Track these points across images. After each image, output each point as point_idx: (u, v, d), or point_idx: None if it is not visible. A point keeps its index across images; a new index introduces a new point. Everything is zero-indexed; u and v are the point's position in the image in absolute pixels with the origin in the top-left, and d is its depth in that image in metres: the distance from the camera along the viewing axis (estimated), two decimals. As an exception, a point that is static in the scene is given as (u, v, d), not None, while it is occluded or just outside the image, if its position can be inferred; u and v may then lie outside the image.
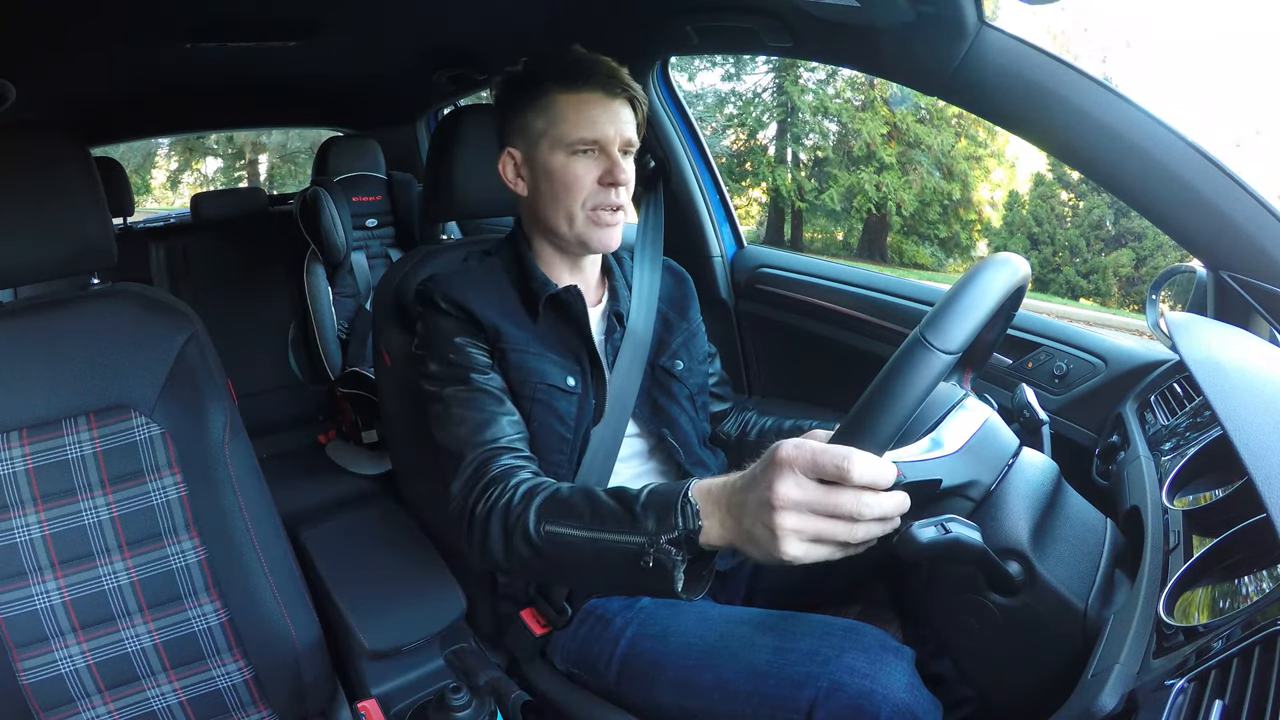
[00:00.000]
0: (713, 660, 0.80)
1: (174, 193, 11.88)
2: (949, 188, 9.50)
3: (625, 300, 1.01)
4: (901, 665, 0.73)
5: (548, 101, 0.88)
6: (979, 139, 9.56)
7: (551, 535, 0.70)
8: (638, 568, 0.62)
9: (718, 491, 0.59)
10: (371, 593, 0.99)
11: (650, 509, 0.63)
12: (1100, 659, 0.55)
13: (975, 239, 9.78)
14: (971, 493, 0.65)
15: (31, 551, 0.82)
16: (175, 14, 1.32)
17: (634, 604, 0.92)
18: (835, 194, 9.94)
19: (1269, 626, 0.42)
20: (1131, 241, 7.32)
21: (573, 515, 0.69)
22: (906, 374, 0.54)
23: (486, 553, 0.76)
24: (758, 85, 10.77)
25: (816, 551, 0.53)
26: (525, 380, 0.89)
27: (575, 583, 0.90)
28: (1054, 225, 8.03)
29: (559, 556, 0.70)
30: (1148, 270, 7.14)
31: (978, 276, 0.60)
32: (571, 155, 0.88)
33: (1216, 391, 0.64)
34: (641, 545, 0.62)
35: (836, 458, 0.51)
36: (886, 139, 9.60)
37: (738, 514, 0.57)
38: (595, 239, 0.91)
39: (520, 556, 0.73)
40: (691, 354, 1.04)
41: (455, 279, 0.92)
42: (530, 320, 0.92)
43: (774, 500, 0.52)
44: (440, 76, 1.93)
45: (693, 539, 0.59)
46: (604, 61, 0.89)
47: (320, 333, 2.11)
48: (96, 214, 0.86)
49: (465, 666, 0.95)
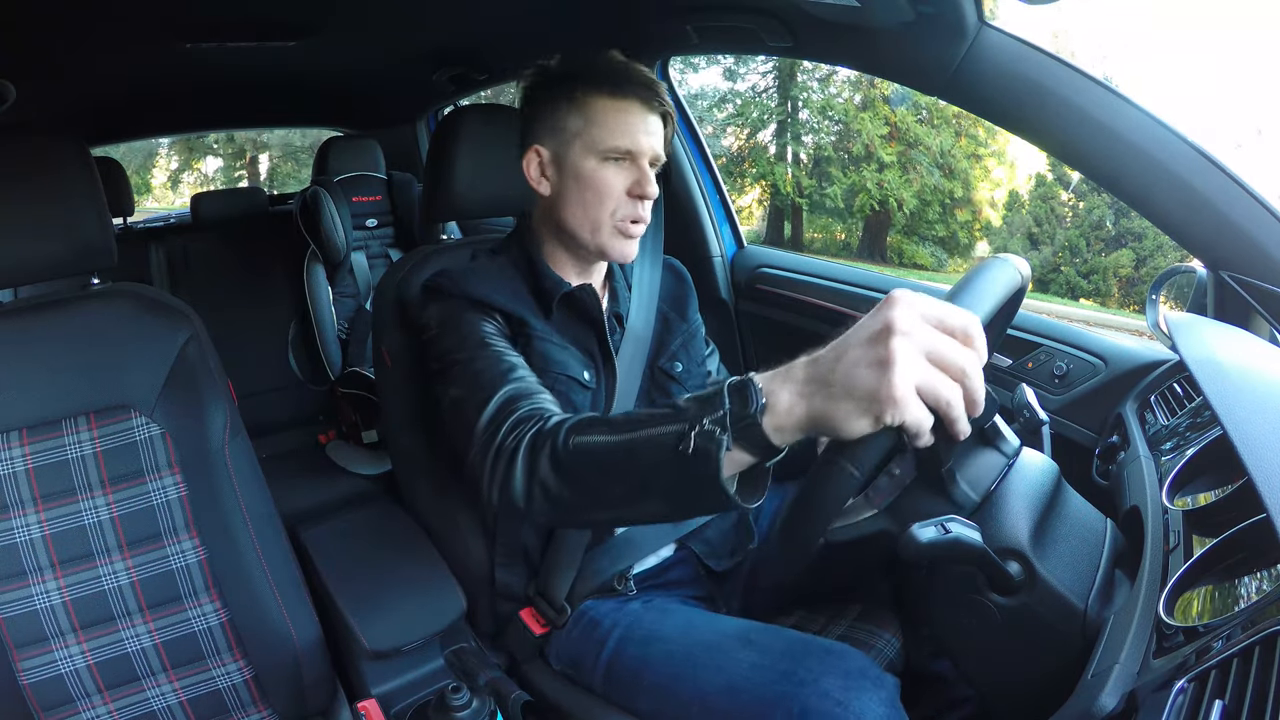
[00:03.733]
0: (693, 671, 0.80)
1: (174, 192, 11.89)
2: (949, 186, 9.51)
3: (625, 301, 1.01)
4: (879, 695, 0.70)
5: (587, 103, 0.86)
6: (979, 138, 9.57)
7: (580, 446, 0.64)
8: (676, 456, 0.55)
9: (792, 366, 0.53)
10: (371, 593, 0.99)
11: (694, 399, 0.57)
12: (1100, 659, 0.55)
13: (976, 238, 9.79)
14: (1006, 449, 0.68)
15: (31, 551, 0.82)
16: (175, 14, 1.32)
17: (623, 607, 0.91)
18: (838, 191, 9.96)
19: (1269, 626, 0.42)
20: (1132, 242, 7.35)
21: (607, 424, 0.63)
22: (990, 275, 0.60)
23: (507, 488, 0.69)
24: (757, 85, 10.78)
25: (914, 411, 0.46)
26: (547, 369, 0.88)
27: (603, 509, 0.71)
28: (1054, 225, 8.06)
29: (587, 474, 0.64)
30: (1148, 271, 7.16)
31: (995, 262, 0.63)
32: (604, 162, 0.87)
33: (1216, 391, 0.64)
34: (682, 430, 0.55)
35: (965, 316, 0.48)
36: (886, 139, 9.62)
37: (826, 369, 0.50)
38: (615, 250, 0.90)
39: (544, 486, 0.66)
40: (690, 356, 1.03)
41: (468, 274, 0.90)
42: (543, 316, 0.92)
43: (894, 325, 0.47)
44: (440, 76, 1.93)
45: (754, 424, 0.52)
46: (644, 72, 0.88)
47: (320, 333, 2.11)
48: (96, 214, 0.86)
49: (465, 666, 0.95)
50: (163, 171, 11.95)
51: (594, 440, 0.63)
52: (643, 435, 0.59)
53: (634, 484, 0.61)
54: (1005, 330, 0.84)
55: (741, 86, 10.86)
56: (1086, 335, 1.11)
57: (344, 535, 1.13)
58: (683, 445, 0.55)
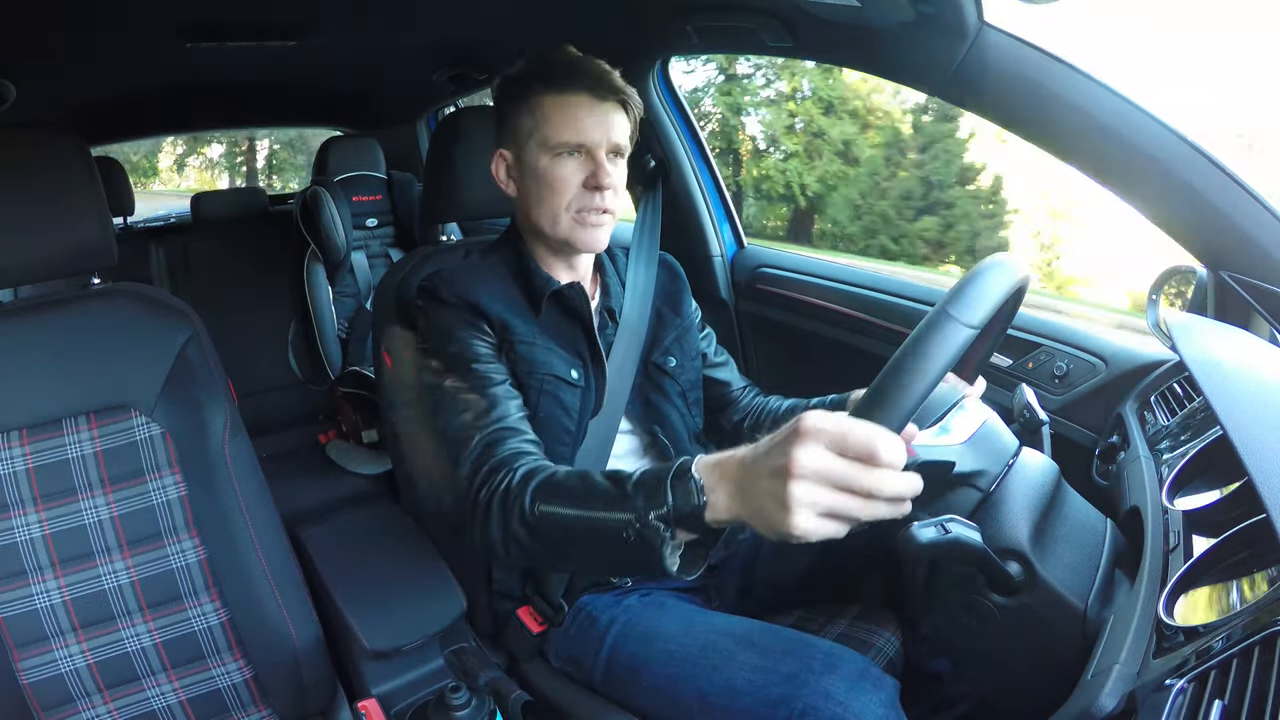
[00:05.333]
0: (693, 671, 0.80)
1: (180, 175, 12.09)
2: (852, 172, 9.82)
3: (617, 296, 1.02)
4: (879, 696, 0.71)
5: (535, 103, 0.88)
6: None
7: (545, 515, 0.70)
8: (625, 541, 0.61)
9: (727, 463, 0.57)
10: (371, 593, 0.99)
11: (641, 486, 0.62)
12: (1100, 659, 0.55)
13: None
14: (980, 482, 0.65)
15: (31, 551, 0.82)
16: (175, 14, 1.32)
17: (619, 602, 0.92)
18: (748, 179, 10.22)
19: (1269, 626, 0.43)
20: (942, 210, 8.47)
21: (566, 495, 0.69)
22: (930, 346, 0.53)
23: (486, 537, 0.75)
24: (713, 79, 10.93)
25: (825, 528, 0.51)
26: (532, 371, 0.90)
27: (571, 564, 0.87)
28: (874, 198, 9.21)
29: (553, 536, 0.70)
30: (953, 234, 8.21)
31: (993, 265, 0.60)
32: (556, 157, 0.88)
33: (1216, 391, 0.64)
34: (628, 521, 0.61)
35: (865, 437, 0.50)
36: (791, 130, 9.86)
37: (749, 484, 0.55)
38: (580, 240, 0.91)
39: (517, 539, 0.72)
40: (684, 350, 1.04)
41: (460, 273, 0.92)
42: (532, 315, 0.93)
43: (792, 468, 0.50)
44: (440, 76, 1.93)
45: (696, 514, 0.58)
46: (593, 63, 0.89)
47: (320, 332, 2.11)
48: (96, 214, 0.86)
49: (465, 666, 0.95)
50: (169, 156, 12.14)
51: (556, 511, 0.69)
52: (597, 516, 0.65)
53: (592, 553, 0.70)
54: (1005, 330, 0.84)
55: (699, 80, 11.03)
56: (1087, 335, 1.10)
57: (344, 535, 1.13)
58: (628, 534, 0.61)
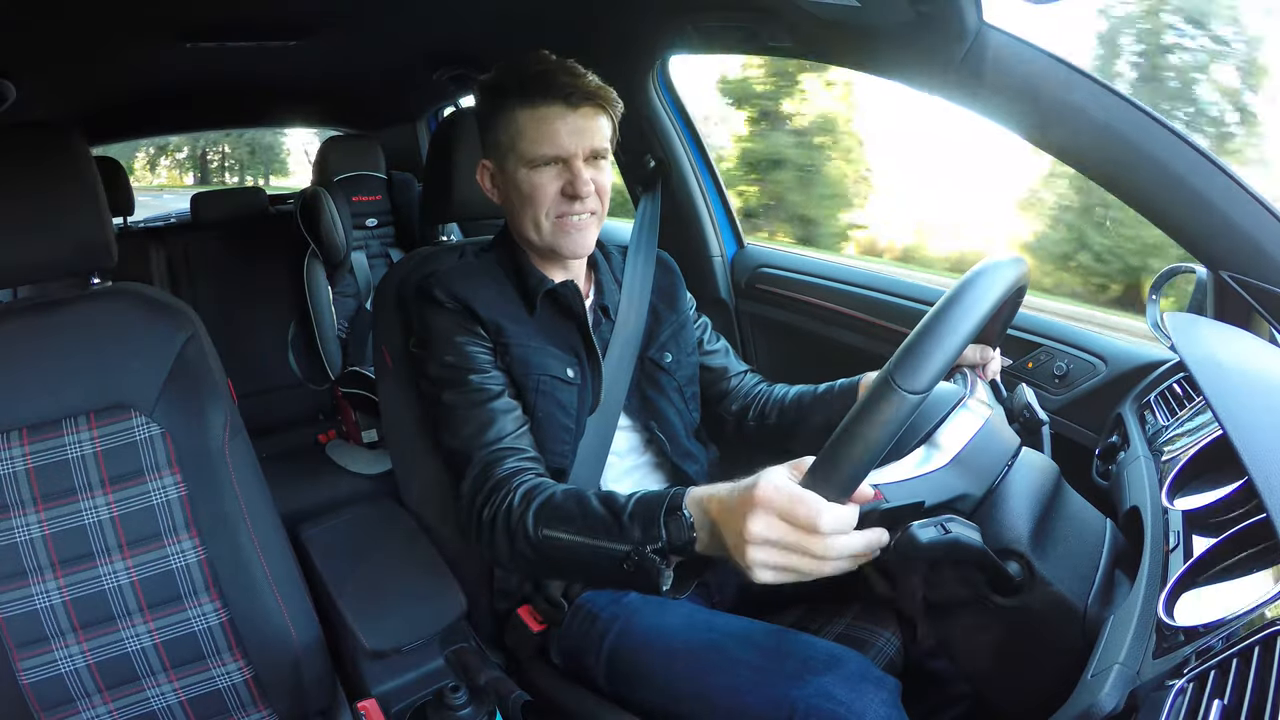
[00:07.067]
0: (695, 670, 0.81)
1: (153, 174, 12.13)
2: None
3: (612, 294, 1.02)
4: (881, 696, 0.72)
5: (510, 117, 0.88)
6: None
7: (548, 539, 0.76)
8: (623, 570, 0.69)
9: (709, 502, 0.65)
10: (371, 593, 0.99)
11: (636, 519, 0.69)
12: (1100, 659, 0.55)
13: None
14: (960, 506, 0.64)
15: (31, 551, 0.82)
16: (175, 14, 1.32)
17: (620, 598, 0.92)
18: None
19: (1269, 626, 0.43)
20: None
21: (567, 520, 0.75)
22: (873, 418, 0.54)
23: (493, 552, 0.81)
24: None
25: (785, 578, 0.58)
26: (528, 373, 0.91)
27: (575, 579, 0.94)
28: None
29: (556, 558, 0.77)
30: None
31: (954, 302, 0.57)
32: (533, 169, 0.88)
33: (1216, 391, 0.64)
34: (627, 553, 0.69)
35: (808, 511, 0.55)
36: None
37: (722, 529, 0.62)
38: (563, 245, 0.92)
39: (524, 557, 0.79)
40: (680, 346, 1.04)
41: (455, 274, 0.93)
42: (527, 314, 0.94)
43: (746, 535, 0.57)
44: (440, 76, 1.93)
45: (688, 547, 0.66)
46: (566, 70, 0.88)
47: (320, 332, 2.11)
48: (97, 214, 0.86)
49: (465, 666, 0.95)
50: (144, 155, 12.24)
51: (559, 538, 0.75)
52: (599, 546, 0.71)
53: (594, 574, 0.79)
54: (1005, 330, 0.84)
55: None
56: (1087, 335, 1.10)
57: (344, 535, 1.13)
58: (627, 565, 0.69)
